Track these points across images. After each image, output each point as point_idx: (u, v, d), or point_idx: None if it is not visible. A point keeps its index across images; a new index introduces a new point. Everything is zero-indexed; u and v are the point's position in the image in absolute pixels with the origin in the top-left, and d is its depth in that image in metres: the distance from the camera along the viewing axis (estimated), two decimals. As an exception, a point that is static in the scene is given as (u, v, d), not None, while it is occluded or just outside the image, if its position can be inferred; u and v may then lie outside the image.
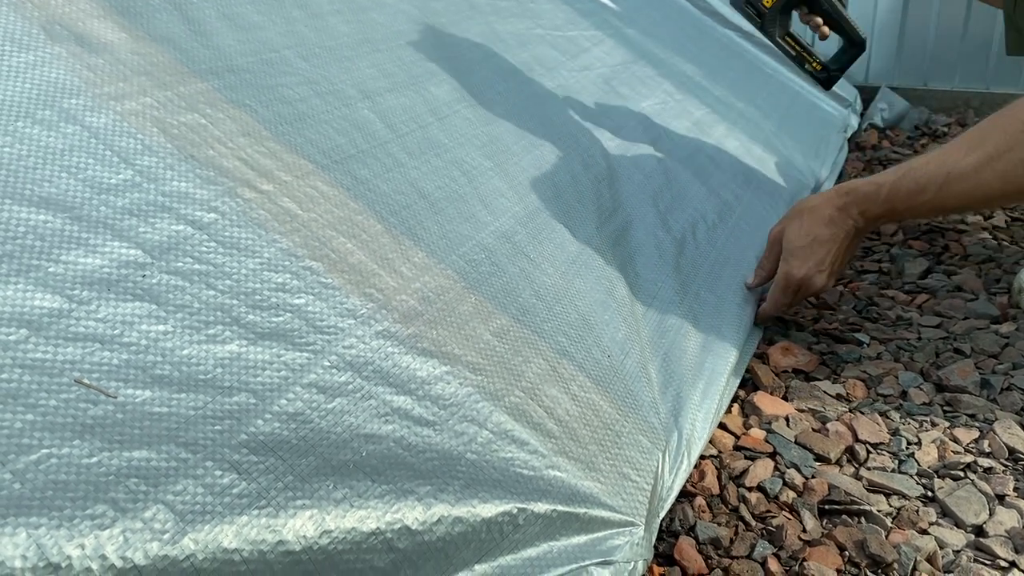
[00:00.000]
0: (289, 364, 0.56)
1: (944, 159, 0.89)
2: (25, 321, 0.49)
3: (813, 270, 0.95)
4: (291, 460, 0.51)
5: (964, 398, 0.87)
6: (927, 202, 0.90)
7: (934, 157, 0.91)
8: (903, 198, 0.91)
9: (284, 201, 0.68)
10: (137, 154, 0.63)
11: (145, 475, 0.46)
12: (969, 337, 1.00)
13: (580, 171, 1.03)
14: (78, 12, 0.71)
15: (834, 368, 0.96)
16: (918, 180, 0.90)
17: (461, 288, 0.73)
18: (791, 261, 0.97)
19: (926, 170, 0.90)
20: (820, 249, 0.95)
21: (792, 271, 0.96)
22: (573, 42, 1.41)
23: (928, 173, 0.90)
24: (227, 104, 0.74)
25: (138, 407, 0.49)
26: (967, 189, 0.87)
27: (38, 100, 0.61)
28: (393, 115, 0.88)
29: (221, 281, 0.59)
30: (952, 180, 0.88)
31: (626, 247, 0.96)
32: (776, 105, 1.74)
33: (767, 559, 0.67)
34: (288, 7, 0.92)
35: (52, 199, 0.56)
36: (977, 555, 0.67)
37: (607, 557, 0.59)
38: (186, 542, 0.44)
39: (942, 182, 0.88)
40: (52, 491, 0.43)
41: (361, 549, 0.50)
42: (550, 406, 0.67)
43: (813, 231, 0.96)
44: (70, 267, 0.53)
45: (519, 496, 0.58)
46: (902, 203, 0.92)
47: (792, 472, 0.77)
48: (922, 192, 0.90)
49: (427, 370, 0.63)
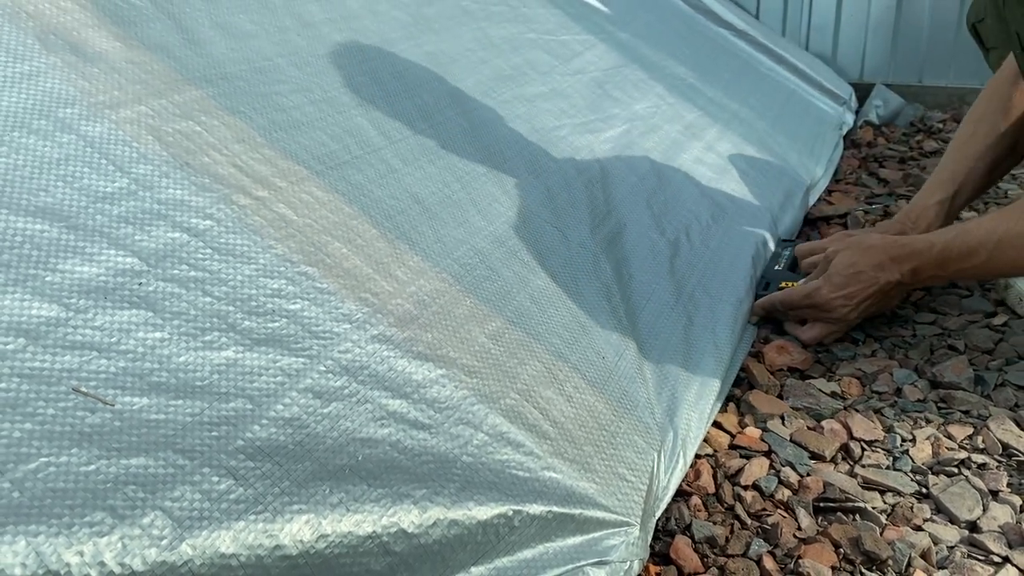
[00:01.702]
0: (285, 369, 0.57)
1: (997, 223, 0.89)
2: (23, 330, 0.50)
3: (840, 300, 0.96)
4: (287, 465, 0.51)
5: (958, 394, 0.88)
6: (978, 265, 0.90)
7: (987, 220, 0.91)
8: (954, 259, 0.91)
9: (279, 207, 0.68)
10: (132, 162, 0.63)
11: (143, 482, 0.46)
12: (963, 333, 1.00)
13: (573, 175, 1.04)
14: (73, 22, 0.71)
15: (829, 366, 0.97)
16: (969, 243, 0.90)
17: (456, 292, 0.73)
18: (829, 281, 0.97)
19: (978, 233, 0.90)
20: (857, 285, 0.96)
21: (822, 290, 0.96)
22: (566, 46, 1.42)
23: (980, 236, 0.89)
24: (221, 111, 0.74)
25: (135, 414, 0.49)
26: (1018, 255, 0.88)
27: (34, 110, 0.62)
28: (387, 121, 0.89)
29: (217, 288, 0.59)
30: (1004, 245, 0.88)
31: (620, 249, 0.97)
32: (770, 104, 1.74)
33: (762, 557, 0.68)
34: (281, 16, 0.92)
35: (48, 208, 0.57)
36: (971, 551, 0.68)
37: (603, 557, 0.59)
38: (184, 548, 0.45)
39: (993, 246, 0.88)
40: (51, 499, 0.43)
41: (358, 553, 0.50)
42: (545, 408, 0.68)
43: (859, 266, 0.96)
44: (67, 276, 0.54)
45: (515, 498, 0.58)
46: (953, 264, 0.92)
47: (787, 470, 0.78)
48: (973, 255, 0.90)
49: (422, 374, 0.63)
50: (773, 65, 1.96)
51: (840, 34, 2.24)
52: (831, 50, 2.25)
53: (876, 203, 1.48)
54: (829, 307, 0.96)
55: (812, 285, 0.98)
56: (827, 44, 2.26)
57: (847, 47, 2.24)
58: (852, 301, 0.96)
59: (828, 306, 0.96)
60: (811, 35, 2.28)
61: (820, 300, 0.97)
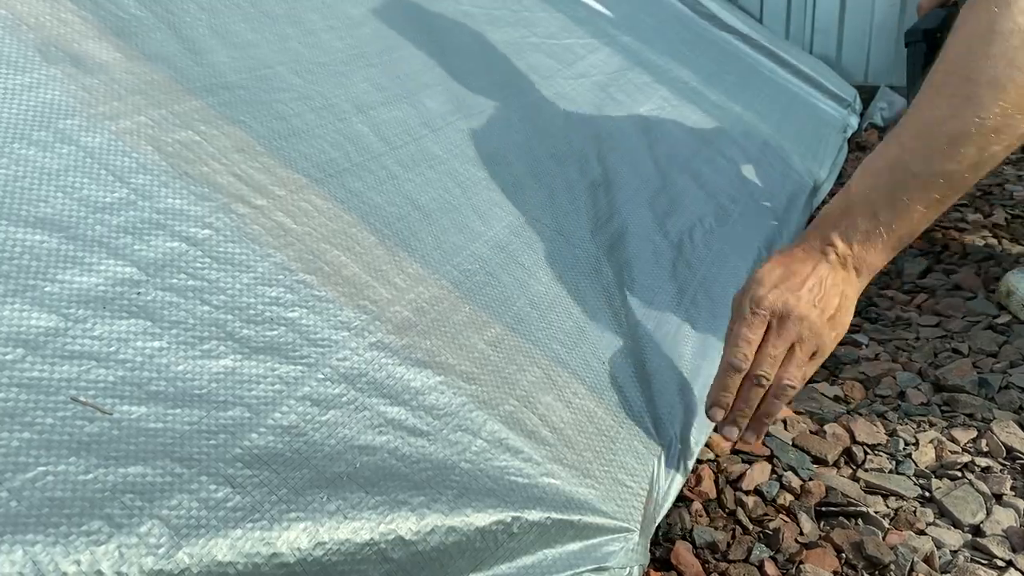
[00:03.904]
0: (283, 377, 0.57)
1: (891, 136, 0.73)
2: (22, 340, 0.50)
3: (785, 293, 0.69)
4: (285, 473, 0.52)
5: (962, 398, 0.87)
6: (899, 183, 0.69)
7: (884, 142, 0.73)
8: (866, 191, 0.71)
9: (278, 215, 0.69)
10: (132, 173, 0.64)
11: (140, 490, 0.47)
12: (967, 336, 1.00)
13: (576, 177, 1.04)
14: (73, 33, 0.72)
15: (832, 369, 0.96)
16: (872, 161, 0.73)
17: (455, 298, 0.74)
18: (749, 289, 0.71)
19: (881, 153, 0.73)
20: (794, 278, 0.70)
21: (752, 292, 0.70)
22: (568, 50, 1.42)
23: (884, 154, 0.72)
24: (221, 120, 0.74)
25: (133, 423, 0.50)
26: (922, 126, 0.70)
27: (34, 121, 0.62)
28: (387, 128, 0.89)
29: (215, 296, 0.59)
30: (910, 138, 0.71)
31: (622, 252, 0.97)
32: (774, 107, 1.74)
33: (764, 562, 0.67)
34: (282, 24, 0.93)
35: (48, 219, 0.57)
36: (974, 555, 0.67)
37: (602, 563, 0.59)
38: (180, 556, 0.45)
39: (896, 156, 0.71)
40: (48, 508, 0.44)
41: (355, 560, 0.50)
42: (544, 414, 0.68)
43: (783, 262, 0.72)
44: (66, 286, 0.54)
45: (513, 504, 0.58)
46: (873, 197, 0.71)
47: (789, 475, 0.78)
48: (880, 172, 0.71)
49: (421, 380, 0.63)
50: (777, 68, 1.96)
51: (844, 37, 2.23)
52: (835, 53, 2.25)
53: (880, 205, 1.48)
54: (786, 308, 0.68)
55: (734, 313, 0.72)
56: (831, 47, 2.25)
57: (851, 50, 2.23)
58: (801, 291, 0.69)
59: (784, 306, 0.69)
60: (815, 38, 2.27)
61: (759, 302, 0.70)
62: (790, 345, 0.68)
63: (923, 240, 1.33)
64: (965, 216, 1.40)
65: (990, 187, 1.54)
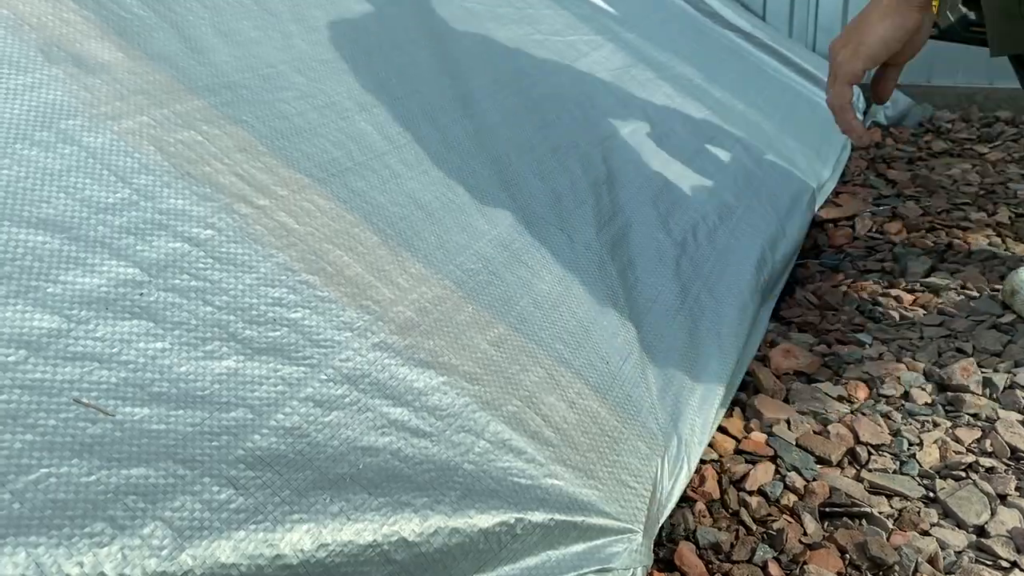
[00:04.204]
0: (286, 378, 0.57)
1: None
2: (24, 342, 0.50)
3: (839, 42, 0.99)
4: (288, 474, 0.51)
5: (966, 397, 0.87)
6: None
7: None
8: None
9: (280, 215, 0.68)
10: (134, 173, 0.63)
11: (143, 492, 0.47)
12: (971, 335, 0.99)
13: (579, 175, 1.04)
14: (75, 33, 0.72)
15: (835, 369, 0.96)
16: None
17: (458, 298, 0.73)
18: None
19: None
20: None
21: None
22: (572, 47, 1.41)
23: None
24: (224, 120, 0.74)
25: (136, 425, 0.50)
26: None
27: (36, 121, 0.62)
28: (391, 125, 0.89)
29: (218, 297, 0.59)
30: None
31: (625, 251, 0.97)
32: (777, 106, 1.73)
33: (768, 563, 0.67)
34: (285, 22, 0.92)
35: (50, 220, 0.57)
36: (979, 556, 0.67)
37: (606, 564, 0.59)
38: (184, 558, 0.45)
39: None
40: (51, 510, 0.44)
41: (358, 562, 0.50)
42: (548, 414, 0.67)
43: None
44: (68, 287, 0.54)
45: (517, 505, 0.58)
46: None
47: (793, 475, 0.77)
48: None
49: (424, 381, 0.63)
50: (780, 67, 1.96)
51: (847, 34, 2.22)
52: (838, 50, 2.23)
53: (884, 204, 1.48)
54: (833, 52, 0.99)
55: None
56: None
57: (855, 47, 2.22)
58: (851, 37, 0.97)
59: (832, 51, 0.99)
60: (818, 36, 2.26)
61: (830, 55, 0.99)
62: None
63: (927, 239, 1.32)
64: (969, 215, 1.39)
65: (994, 186, 1.53)
